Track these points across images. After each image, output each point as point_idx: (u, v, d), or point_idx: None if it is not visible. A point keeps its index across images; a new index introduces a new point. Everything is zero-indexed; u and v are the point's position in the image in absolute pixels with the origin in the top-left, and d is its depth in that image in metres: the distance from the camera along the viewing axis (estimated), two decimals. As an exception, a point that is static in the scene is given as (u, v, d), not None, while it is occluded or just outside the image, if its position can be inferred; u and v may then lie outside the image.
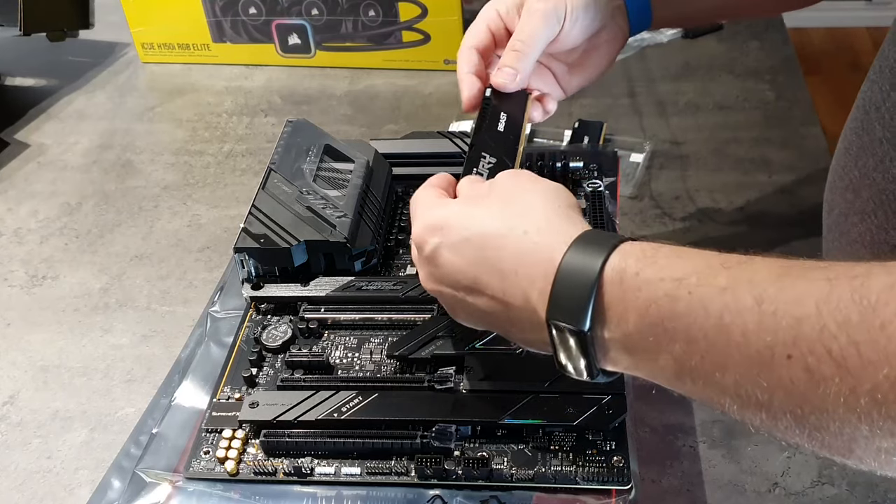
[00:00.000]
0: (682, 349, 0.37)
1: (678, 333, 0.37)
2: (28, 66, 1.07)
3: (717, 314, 0.35)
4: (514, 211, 0.44)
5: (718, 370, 0.36)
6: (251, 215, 0.60)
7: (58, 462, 0.58)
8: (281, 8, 0.97)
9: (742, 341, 0.35)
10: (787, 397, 0.34)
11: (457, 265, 0.44)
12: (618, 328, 0.39)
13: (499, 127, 0.57)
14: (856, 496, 0.52)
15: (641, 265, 0.38)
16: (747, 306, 0.35)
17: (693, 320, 0.36)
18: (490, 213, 0.44)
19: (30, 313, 0.70)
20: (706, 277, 0.36)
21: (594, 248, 0.40)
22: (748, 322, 0.34)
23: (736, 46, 0.98)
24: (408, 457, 0.50)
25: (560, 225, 0.42)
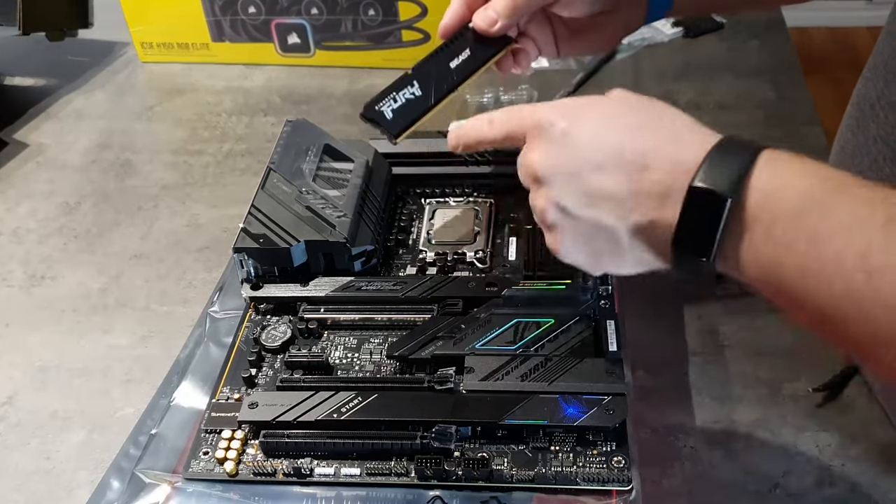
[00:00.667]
0: (803, 245, 0.37)
1: (805, 228, 0.37)
2: (27, 65, 1.07)
3: (847, 220, 0.36)
4: (656, 110, 0.45)
5: (833, 275, 0.36)
6: (250, 215, 0.60)
7: (57, 462, 0.58)
8: (280, 7, 0.97)
9: (864, 251, 0.36)
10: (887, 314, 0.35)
11: (596, 142, 0.44)
12: (754, 209, 0.39)
13: (452, 63, 0.56)
14: (856, 497, 0.52)
15: (792, 162, 0.40)
16: (878, 223, 0.36)
17: (824, 219, 0.37)
18: (629, 107, 0.45)
19: (28, 313, 0.70)
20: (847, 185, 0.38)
21: (747, 142, 0.41)
22: (874, 237, 0.35)
23: (736, 46, 0.98)
24: (408, 457, 0.49)
25: (704, 127, 0.43)
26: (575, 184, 0.44)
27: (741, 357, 0.61)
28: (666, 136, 0.43)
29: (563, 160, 0.44)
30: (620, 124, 0.44)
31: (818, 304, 0.38)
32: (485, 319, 0.55)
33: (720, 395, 0.58)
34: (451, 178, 0.70)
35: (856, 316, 0.36)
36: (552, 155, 0.45)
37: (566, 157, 0.44)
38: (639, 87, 0.92)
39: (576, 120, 0.45)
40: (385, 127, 0.55)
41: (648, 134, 0.43)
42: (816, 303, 0.38)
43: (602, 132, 0.44)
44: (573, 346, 0.53)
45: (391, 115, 0.54)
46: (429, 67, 0.56)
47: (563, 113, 0.45)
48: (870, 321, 0.36)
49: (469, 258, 0.63)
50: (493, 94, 0.91)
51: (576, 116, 0.45)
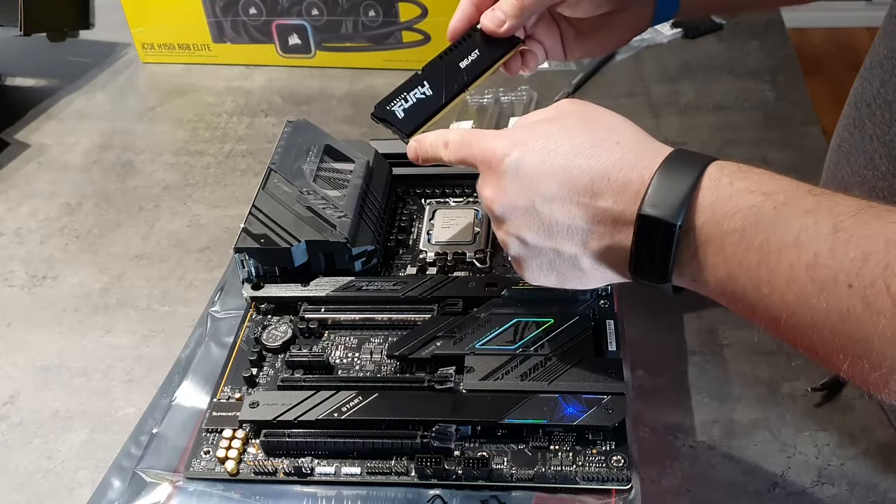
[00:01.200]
0: (755, 259, 0.39)
1: (755, 244, 0.39)
2: (28, 66, 1.07)
3: (794, 232, 0.38)
4: (602, 127, 0.45)
5: (784, 285, 0.38)
6: (251, 215, 0.60)
7: (58, 462, 0.58)
8: (281, 8, 0.97)
9: (812, 262, 0.37)
10: (840, 322, 0.36)
11: (543, 172, 0.44)
12: (702, 230, 0.40)
13: (461, 63, 0.56)
14: (856, 496, 0.52)
15: (736, 177, 0.40)
16: (824, 232, 0.37)
17: (772, 234, 0.38)
18: (575, 127, 0.45)
19: (30, 313, 0.70)
20: (793, 198, 0.39)
21: (692, 159, 0.42)
22: (822, 246, 0.37)
23: (736, 46, 0.98)
24: (408, 457, 0.50)
25: (652, 142, 0.44)
26: (529, 218, 0.45)
27: (740, 356, 0.61)
28: (613, 158, 0.43)
29: (514, 196, 0.45)
30: (567, 149, 0.44)
31: (774, 314, 0.39)
32: (485, 319, 0.56)
33: (719, 394, 0.59)
34: (451, 179, 0.70)
35: (810, 323, 0.38)
36: (503, 191, 0.46)
37: (517, 193, 0.45)
38: (639, 88, 0.93)
39: (523, 150, 0.45)
40: (397, 126, 0.55)
41: (595, 158, 0.43)
42: (772, 312, 0.39)
43: (549, 160, 0.44)
44: (573, 345, 0.53)
45: (402, 115, 0.55)
46: (438, 68, 0.56)
47: (510, 143, 0.46)
48: (824, 328, 0.37)
49: (469, 258, 0.63)
50: (493, 96, 0.91)
51: (522, 146, 0.45)
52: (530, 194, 0.45)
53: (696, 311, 0.65)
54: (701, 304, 0.66)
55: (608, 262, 0.44)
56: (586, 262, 0.45)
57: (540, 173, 0.44)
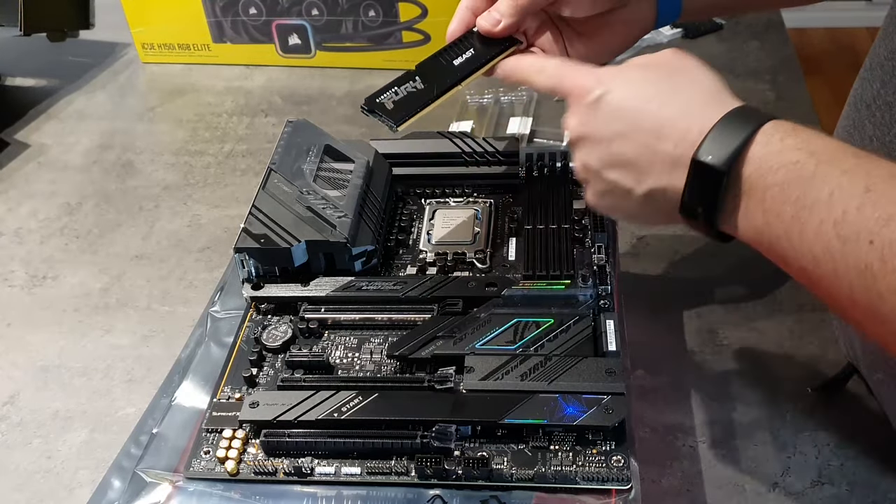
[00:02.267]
0: (790, 212, 0.42)
1: (791, 197, 0.42)
2: (28, 66, 1.07)
3: (829, 190, 0.40)
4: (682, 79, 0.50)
5: (812, 238, 0.41)
6: (251, 215, 0.60)
7: (58, 462, 0.58)
8: (281, 8, 0.97)
9: (840, 219, 0.39)
10: (858, 277, 0.39)
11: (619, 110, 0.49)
12: (748, 180, 0.43)
13: (455, 60, 0.57)
14: (856, 496, 0.52)
15: (788, 134, 0.43)
16: (856, 191, 0.39)
17: (808, 189, 0.41)
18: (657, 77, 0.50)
19: (30, 313, 0.70)
20: (835, 158, 0.41)
21: (752, 115, 0.45)
22: (851, 204, 0.39)
23: (736, 46, 0.98)
24: (408, 457, 0.50)
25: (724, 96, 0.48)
26: (599, 149, 0.50)
27: (740, 356, 0.61)
28: (681, 107, 0.47)
29: (591, 127, 0.50)
30: (645, 94, 0.48)
31: (802, 265, 0.42)
32: (485, 319, 0.56)
33: (719, 394, 0.59)
34: (451, 179, 0.70)
35: (833, 275, 0.40)
36: (583, 122, 0.50)
37: (594, 125, 0.50)
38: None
39: (607, 89, 0.49)
40: (386, 116, 0.55)
41: (666, 106, 0.47)
42: (801, 263, 0.42)
43: (627, 101, 0.49)
44: (573, 345, 0.53)
45: (392, 106, 0.55)
46: (432, 64, 0.56)
47: (598, 80, 0.50)
48: (844, 281, 0.40)
49: (469, 258, 0.63)
50: (493, 96, 0.91)
51: (608, 85, 0.50)
52: (604, 128, 0.49)
53: (696, 311, 0.65)
54: (701, 303, 0.66)
55: (661, 202, 0.48)
56: (640, 198, 0.49)
57: (617, 112, 0.49)
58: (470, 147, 0.70)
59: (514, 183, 0.68)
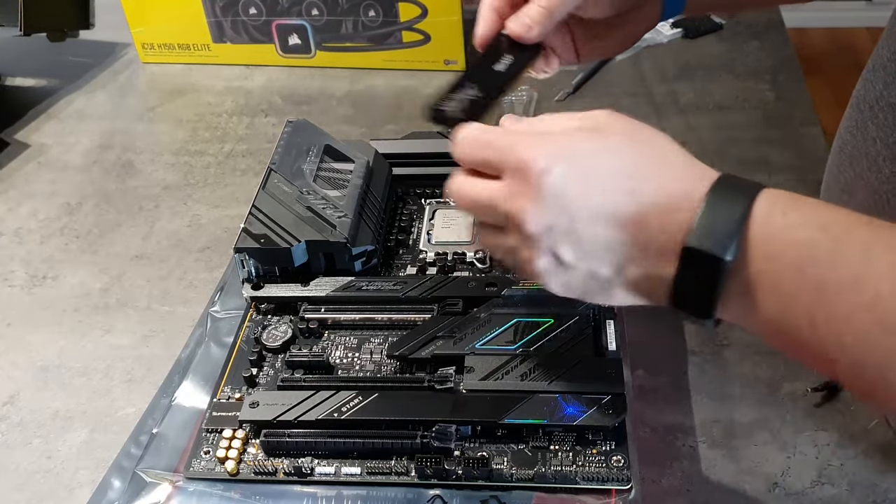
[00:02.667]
0: (811, 299, 0.37)
1: (811, 282, 0.37)
2: (28, 66, 1.07)
3: (854, 271, 0.36)
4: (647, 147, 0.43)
5: (842, 325, 0.36)
6: (251, 215, 0.60)
7: (58, 462, 0.58)
8: (281, 8, 0.97)
9: (873, 302, 0.35)
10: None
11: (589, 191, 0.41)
12: (754, 265, 0.38)
13: (496, 67, 0.56)
14: (856, 496, 0.52)
15: (788, 208, 0.38)
16: (885, 268, 0.35)
17: (830, 271, 0.36)
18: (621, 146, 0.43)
19: (30, 313, 0.70)
20: (849, 231, 0.37)
21: (741, 187, 0.40)
22: (883, 285, 0.35)
23: (736, 46, 0.98)
24: (408, 457, 0.50)
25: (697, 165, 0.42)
26: (570, 237, 0.42)
27: (740, 356, 0.61)
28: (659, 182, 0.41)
29: (556, 215, 0.42)
30: (614, 169, 0.42)
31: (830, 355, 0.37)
32: (485, 319, 0.56)
33: (719, 394, 0.59)
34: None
35: (871, 364, 0.36)
36: (544, 210, 0.42)
37: (559, 212, 0.42)
38: (639, 88, 0.93)
39: (566, 165, 0.42)
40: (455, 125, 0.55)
41: (642, 181, 0.41)
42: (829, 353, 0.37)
43: (595, 179, 0.42)
44: (573, 345, 0.53)
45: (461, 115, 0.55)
46: (481, 70, 0.56)
47: (551, 155, 0.42)
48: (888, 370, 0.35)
49: (469, 258, 0.63)
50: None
51: (566, 160, 0.42)
52: (573, 213, 0.41)
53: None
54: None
55: (644, 290, 0.42)
56: (619, 287, 0.43)
57: (585, 192, 0.41)
58: (470, 147, 0.69)
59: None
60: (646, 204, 0.40)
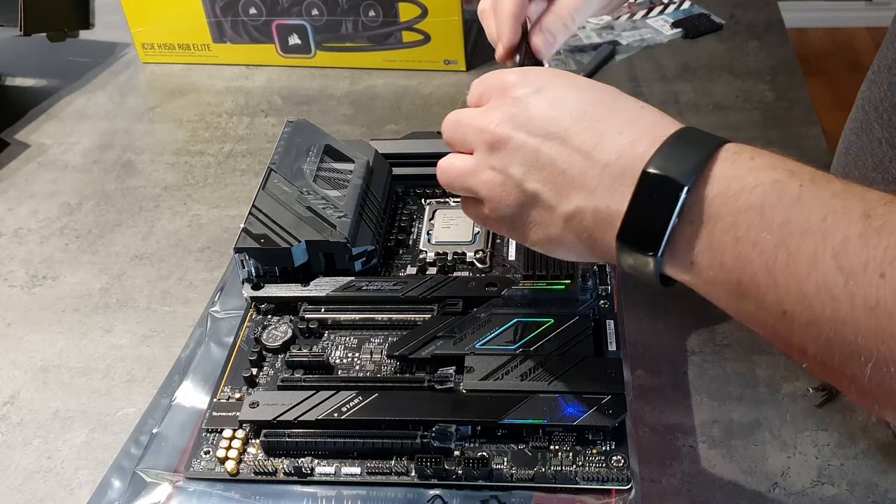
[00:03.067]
0: (772, 241, 0.34)
1: (774, 223, 0.34)
2: (28, 66, 1.07)
3: (821, 215, 0.34)
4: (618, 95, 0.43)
5: (804, 272, 0.34)
6: (251, 215, 0.60)
7: (58, 462, 0.58)
8: (281, 8, 0.97)
9: (839, 248, 0.33)
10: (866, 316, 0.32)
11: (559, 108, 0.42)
12: (713, 203, 0.36)
13: None
14: (855, 496, 0.52)
15: (756, 153, 0.37)
16: (854, 217, 0.33)
17: (796, 214, 0.34)
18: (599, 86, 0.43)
19: (30, 313, 0.70)
20: (820, 179, 0.35)
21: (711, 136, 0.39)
22: (851, 232, 0.33)
23: (736, 46, 0.98)
24: (408, 457, 0.50)
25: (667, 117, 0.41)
26: (524, 152, 0.42)
27: (740, 356, 0.61)
28: (626, 116, 0.41)
29: (518, 126, 0.42)
30: (585, 98, 0.42)
31: (784, 305, 0.35)
32: (485, 319, 0.56)
33: (719, 394, 0.59)
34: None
35: (829, 317, 0.33)
36: (509, 118, 0.43)
37: (523, 123, 0.42)
38: (639, 88, 0.93)
39: (540, 86, 0.43)
40: None
41: (609, 112, 0.41)
42: (783, 303, 0.35)
43: (565, 102, 0.42)
44: (573, 345, 0.53)
45: None
46: None
47: (528, 78, 0.44)
48: (846, 324, 0.33)
49: (469, 258, 0.63)
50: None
51: (541, 83, 0.43)
52: (536, 128, 0.42)
53: (696, 311, 0.65)
54: (701, 303, 0.65)
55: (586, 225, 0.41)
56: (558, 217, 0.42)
57: (553, 111, 0.42)
58: (470, 147, 0.69)
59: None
60: (609, 130, 0.40)
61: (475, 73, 0.98)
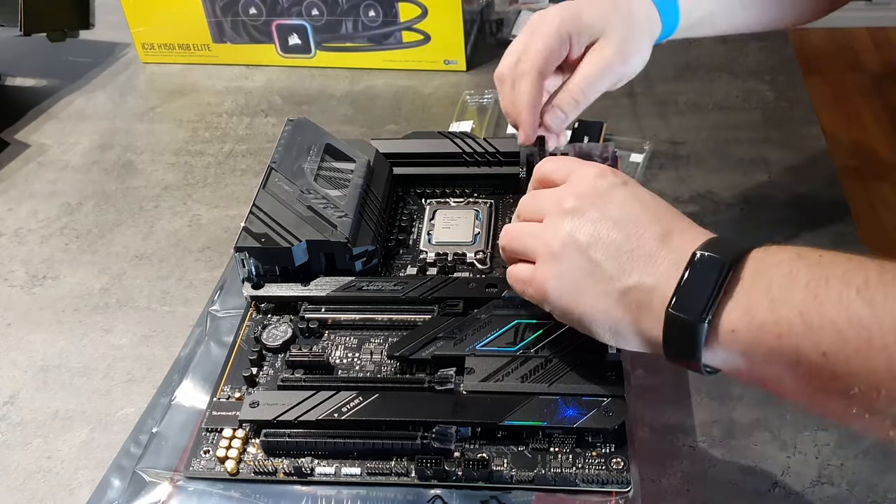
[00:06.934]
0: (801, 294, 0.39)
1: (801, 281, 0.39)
2: (28, 66, 1.07)
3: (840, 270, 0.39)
4: None
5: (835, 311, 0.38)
6: (252, 214, 0.60)
7: (58, 462, 0.58)
8: (281, 8, 0.97)
9: (863, 287, 0.37)
10: None
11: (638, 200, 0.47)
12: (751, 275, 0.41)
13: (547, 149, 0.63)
14: (855, 496, 0.52)
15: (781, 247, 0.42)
16: (870, 267, 0.38)
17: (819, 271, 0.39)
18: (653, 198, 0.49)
19: (30, 313, 0.70)
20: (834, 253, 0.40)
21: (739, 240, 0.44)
22: (870, 275, 0.38)
23: (736, 47, 0.98)
24: (408, 457, 0.50)
25: None
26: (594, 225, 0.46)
27: (740, 357, 0.61)
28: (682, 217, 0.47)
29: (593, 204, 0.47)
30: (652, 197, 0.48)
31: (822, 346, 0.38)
32: (485, 320, 0.56)
33: (719, 394, 0.59)
34: (451, 179, 0.70)
35: (865, 346, 0.37)
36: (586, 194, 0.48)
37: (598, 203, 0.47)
38: (639, 88, 0.93)
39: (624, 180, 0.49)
40: None
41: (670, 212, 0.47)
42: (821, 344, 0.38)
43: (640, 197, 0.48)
44: (573, 347, 0.53)
45: None
46: None
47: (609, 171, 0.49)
48: (877, 351, 0.36)
49: (469, 259, 0.63)
50: (492, 95, 0.91)
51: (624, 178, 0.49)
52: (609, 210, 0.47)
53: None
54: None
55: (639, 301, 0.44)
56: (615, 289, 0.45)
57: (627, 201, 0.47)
58: (470, 147, 0.70)
59: (514, 183, 0.68)
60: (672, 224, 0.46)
61: (475, 73, 0.98)
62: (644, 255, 0.44)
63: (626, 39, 0.60)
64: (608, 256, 0.45)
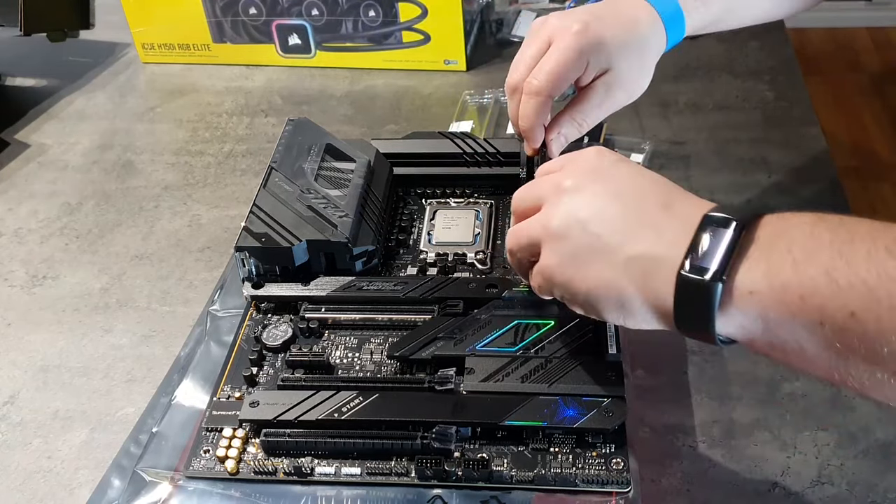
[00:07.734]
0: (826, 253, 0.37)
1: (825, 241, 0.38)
2: (28, 66, 1.07)
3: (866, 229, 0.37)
4: None
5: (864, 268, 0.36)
6: (252, 214, 0.60)
7: (58, 462, 0.58)
8: (281, 8, 0.97)
9: (892, 245, 0.36)
10: None
11: (637, 174, 0.47)
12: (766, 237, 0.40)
13: None
14: (855, 496, 0.52)
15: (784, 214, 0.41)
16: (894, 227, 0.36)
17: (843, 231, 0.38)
18: None
19: (30, 313, 0.70)
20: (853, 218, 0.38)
21: None
22: None
23: (736, 47, 0.98)
24: (408, 457, 0.50)
25: None
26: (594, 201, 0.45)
27: (740, 356, 0.61)
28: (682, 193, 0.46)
29: (592, 181, 0.46)
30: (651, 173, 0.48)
31: (851, 305, 0.36)
32: (485, 321, 0.56)
33: (719, 394, 0.59)
34: (451, 179, 0.70)
35: (890, 304, 0.35)
36: (585, 174, 0.47)
37: (598, 181, 0.46)
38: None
39: (622, 159, 0.49)
40: None
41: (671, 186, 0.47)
42: (849, 304, 0.36)
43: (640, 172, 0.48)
44: (573, 347, 0.53)
45: None
46: None
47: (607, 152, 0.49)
48: None
49: (469, 259, 0.63)
50: (493, 95, 0.91)
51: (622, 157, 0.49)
52: (610, 187, 0.46)
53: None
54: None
55: (645, 270, 0.42)
56: (620, 260, 0.43)
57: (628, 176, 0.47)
58: (470, 147, 0.70)
59: (514, 183, 0.68)
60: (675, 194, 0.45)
61: (475, 73, 0.98)
62: (648, 224, 0.43)
63: (634, 70, 0.61)
64: (610, 229, 0.44)
